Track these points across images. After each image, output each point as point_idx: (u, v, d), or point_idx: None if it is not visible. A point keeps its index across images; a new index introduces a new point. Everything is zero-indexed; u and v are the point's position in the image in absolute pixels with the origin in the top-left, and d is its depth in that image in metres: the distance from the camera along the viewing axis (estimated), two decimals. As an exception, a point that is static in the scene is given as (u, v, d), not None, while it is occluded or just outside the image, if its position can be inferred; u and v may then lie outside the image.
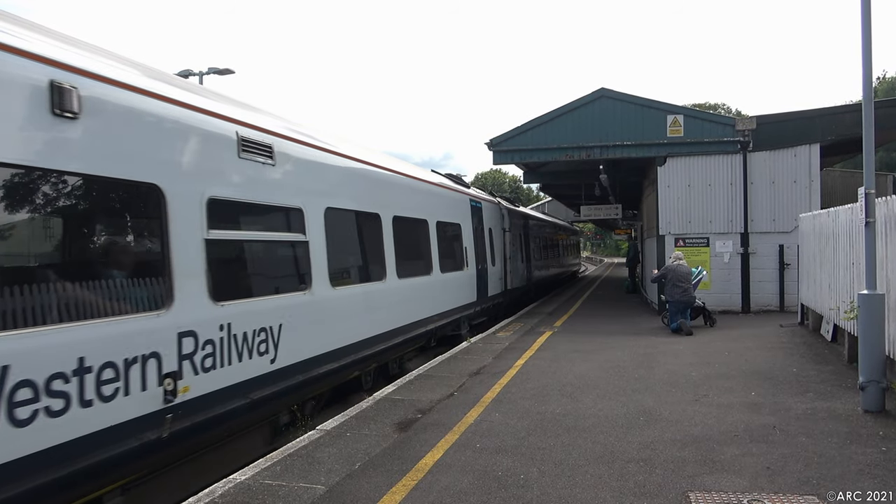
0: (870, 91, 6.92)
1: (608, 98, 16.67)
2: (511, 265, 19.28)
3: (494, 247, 17.36)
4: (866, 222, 6.88)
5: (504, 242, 18.64)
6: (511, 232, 19.75)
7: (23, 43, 4.22)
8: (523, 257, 22.09)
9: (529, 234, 23.50)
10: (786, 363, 9.42)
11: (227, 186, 6.07)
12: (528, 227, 23.69)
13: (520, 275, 21.08)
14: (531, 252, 23.72)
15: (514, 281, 19.83)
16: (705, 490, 4.91)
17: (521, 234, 21.77)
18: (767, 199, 15.89)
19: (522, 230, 22.24)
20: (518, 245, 21.22)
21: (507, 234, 19.12)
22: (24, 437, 3.90)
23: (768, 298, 15.91)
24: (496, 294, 17.24)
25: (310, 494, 5.05)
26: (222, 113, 6.19)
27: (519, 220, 21.82)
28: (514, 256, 20.13)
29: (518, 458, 5.76)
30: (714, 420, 6.72)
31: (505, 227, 18.84)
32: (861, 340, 6.95)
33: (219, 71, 24.27)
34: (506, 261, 18.62)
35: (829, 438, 5.96)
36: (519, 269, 20.96)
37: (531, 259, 23.64)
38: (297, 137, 7.53)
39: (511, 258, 19.38)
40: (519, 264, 21.10)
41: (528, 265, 22.98)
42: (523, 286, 21.60)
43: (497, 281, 17.46)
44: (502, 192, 73.98)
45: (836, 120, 15.73)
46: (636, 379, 8.85)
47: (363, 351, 8.75)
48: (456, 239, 14.09)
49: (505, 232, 18.79)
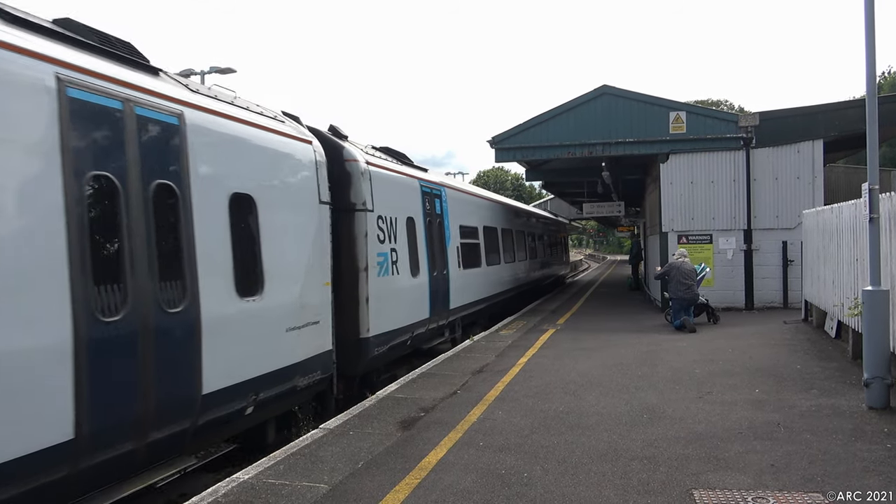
0: (873, 86, 6.88)
1: (610, 95, 16.61)
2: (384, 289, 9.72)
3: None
4: (870, 218, 6.85)
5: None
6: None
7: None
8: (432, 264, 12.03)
9: (445, 222, 13.14)
10: (790, 360, 9.39)
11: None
12: (447, 211, 13.46)
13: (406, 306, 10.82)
14: (458, 254, 13.88)
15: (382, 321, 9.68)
16: (710, 488, 4.89)
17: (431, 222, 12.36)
18: (771, 196, 15.83)
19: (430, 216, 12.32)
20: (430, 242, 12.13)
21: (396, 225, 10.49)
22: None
23: (772, 295, 15.86)
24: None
25: (313, 493, 5.04)
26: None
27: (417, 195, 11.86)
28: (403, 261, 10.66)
29: (521, 456, 5.74)
30: (718, 417, 6.70)
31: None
32: (865, 337, 6.92)
33: (220, 70, 24.21)
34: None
35: (833, 435, 5.94)
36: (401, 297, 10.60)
37: (452, 265, 13.30)
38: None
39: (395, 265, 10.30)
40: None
41: (441, 283, 12.46)
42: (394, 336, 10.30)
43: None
44: (504, 190, 73.83)
45: (840, 116, 15.66)
46: (639, 376, 8.83)
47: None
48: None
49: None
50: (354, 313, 8.98)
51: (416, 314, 11.09)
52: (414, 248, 11.13)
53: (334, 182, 8.63)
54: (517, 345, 12.01)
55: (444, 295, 12.54)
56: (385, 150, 11.47)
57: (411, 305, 10.92)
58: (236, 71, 24.48)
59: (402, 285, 10.40)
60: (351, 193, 9.10)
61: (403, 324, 10.43)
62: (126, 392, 4.92)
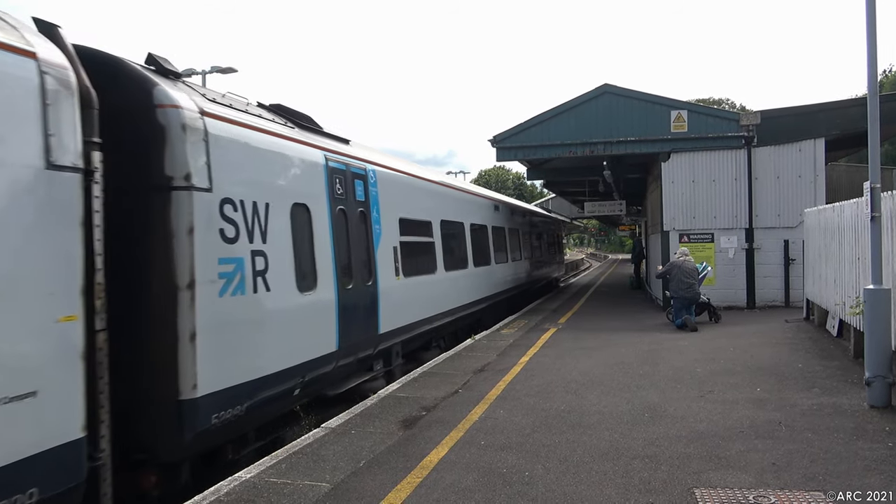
0: (875, 85, 6.89)
1: (611, 94, 16.60)
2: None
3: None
4: (872, 217, 6.85)
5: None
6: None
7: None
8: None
9: (372, 214, 9.72)
10: (791, 359, 9.38)
11: None
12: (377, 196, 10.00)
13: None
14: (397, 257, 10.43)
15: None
16: (711, 486, 4.89)
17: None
18: (772, 195, 15.82)
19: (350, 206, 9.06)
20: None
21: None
22: None
23: (773, 294, 15.85)
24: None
25: (315, 492, 5.05)
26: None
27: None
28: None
29: (523, 454, 5.75)
30: (719, 416, 6.70)
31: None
32: (867, 335, 6.92)
33: (221, 70, 24.22)
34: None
35: (835, 434, 5.94)
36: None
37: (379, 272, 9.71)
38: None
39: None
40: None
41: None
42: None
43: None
44: (506, 189, 73.87)
45: (842, 114, 15.64)
46: (641, 375, 8.83)
47: None
48: None
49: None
50: (167, 359, 5.53)
51: (312, 348, 7.49)
52: (306, 251, 7.58)
53: (135, 142, 5.67)
54: (518, 344, 12.01)
55: (369, 314, 9.05)
56: (276, 109, 8.18)
57: (299, 336, 7.26)
58: (237, 71, 24.47)
59: (277, 307, 6.85)
60: (165, 161, 5.66)
61: (282, 366, 6.84)
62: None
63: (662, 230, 16.66)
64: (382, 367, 9.98)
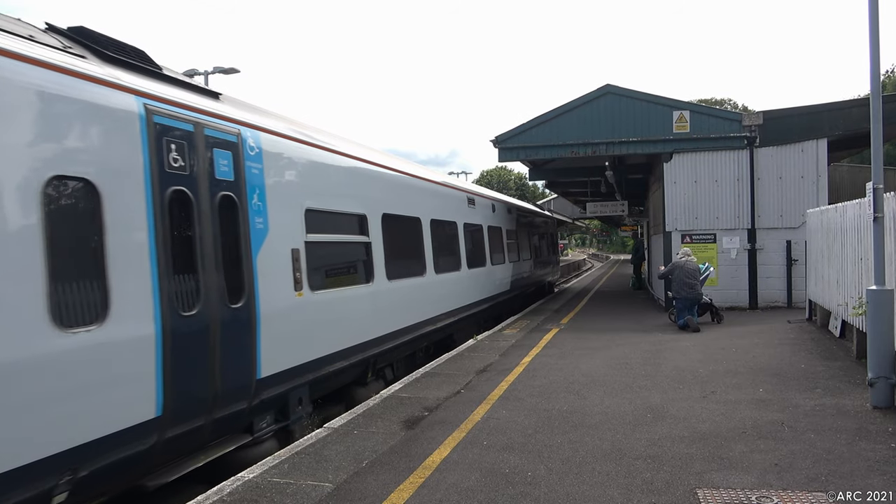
0: (878, 85, 6.88)
1: (613, 94, 16.59)
2: None
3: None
4: (875, 217, 6.85)
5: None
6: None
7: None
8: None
9: (254, 202, 6.63)
10: (794, 359, 9.38)
11: None
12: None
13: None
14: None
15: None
16: (713, 487, 4.90)
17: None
18: (775, 195, 15.80)
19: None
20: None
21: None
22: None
23: (776, 295, 15.83)
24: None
25: (318, 492, 5.07)
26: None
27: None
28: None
29: (525, 455, 5.76)
30: (722, 417, 6.70)
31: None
32: (870, 336, 6.92)
33: (224, 70, 24.26)
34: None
35: (837, 435, 5.93)
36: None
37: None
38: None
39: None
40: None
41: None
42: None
43: None
44: (508, 189, 73.86)
45: (844, 115, 15.62)
46: (643, 376, 8.83)
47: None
48: None
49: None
50: None
51: (95, 421, 4.59)
52: (82, 258, 4.74)
53: None
54: (521, 344, 12.02)
55: (238, 351, 6.13)
56: (77, 34, 5.45)
57: (61, 405, 4.33)
58: (240, 71, 24.51)
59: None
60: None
61: (14, 463, 3.97)
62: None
63: (665, 231, 16.65)
64: (272, 425, 6.87)
